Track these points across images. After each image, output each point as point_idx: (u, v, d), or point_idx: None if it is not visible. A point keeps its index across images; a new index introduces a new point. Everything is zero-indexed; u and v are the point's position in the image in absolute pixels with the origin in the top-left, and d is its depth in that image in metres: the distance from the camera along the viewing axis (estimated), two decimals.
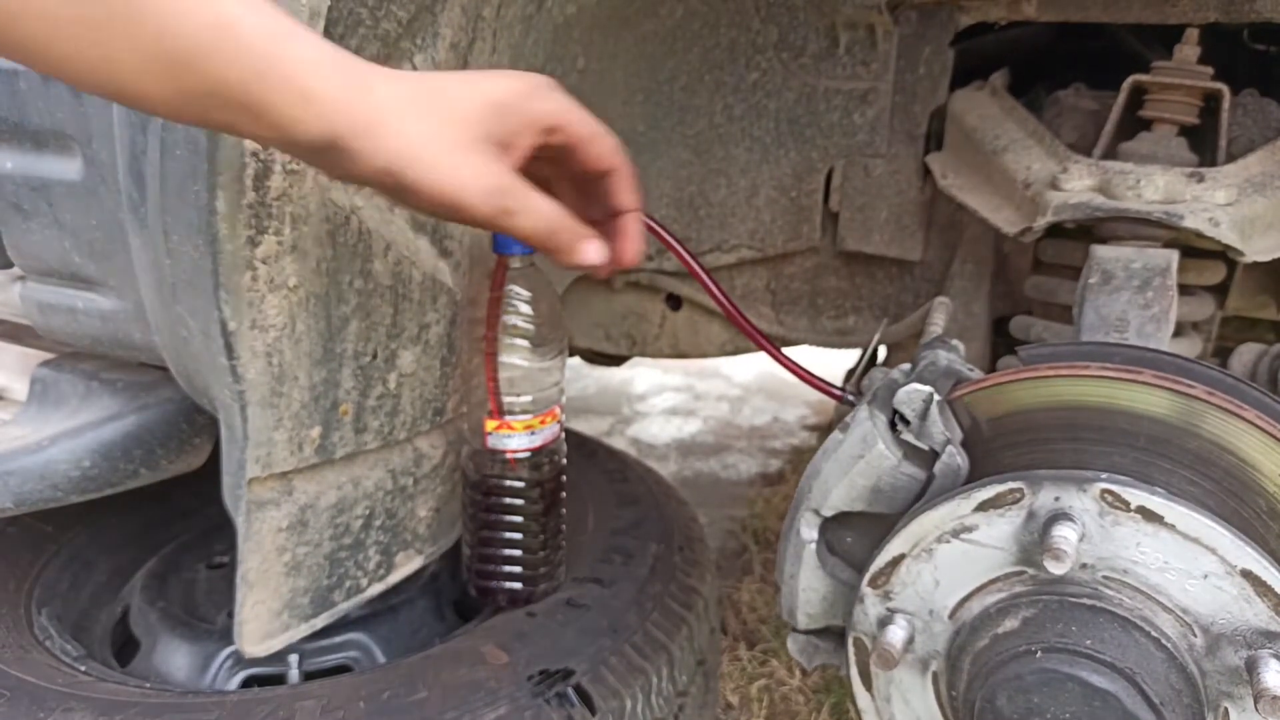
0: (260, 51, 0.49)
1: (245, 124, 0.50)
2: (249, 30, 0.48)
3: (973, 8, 1.00)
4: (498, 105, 0.57)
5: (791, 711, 1.41)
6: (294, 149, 0.53)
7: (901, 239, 1.13)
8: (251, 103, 0.49)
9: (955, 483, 0.67)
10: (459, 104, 0.55)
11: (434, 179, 0.54)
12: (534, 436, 0.92)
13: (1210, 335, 0.99)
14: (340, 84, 0.51)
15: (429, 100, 0.54)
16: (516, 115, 0.57)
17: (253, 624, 0.81)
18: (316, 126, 0.50)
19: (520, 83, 0.58)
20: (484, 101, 0.56)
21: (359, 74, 0.52)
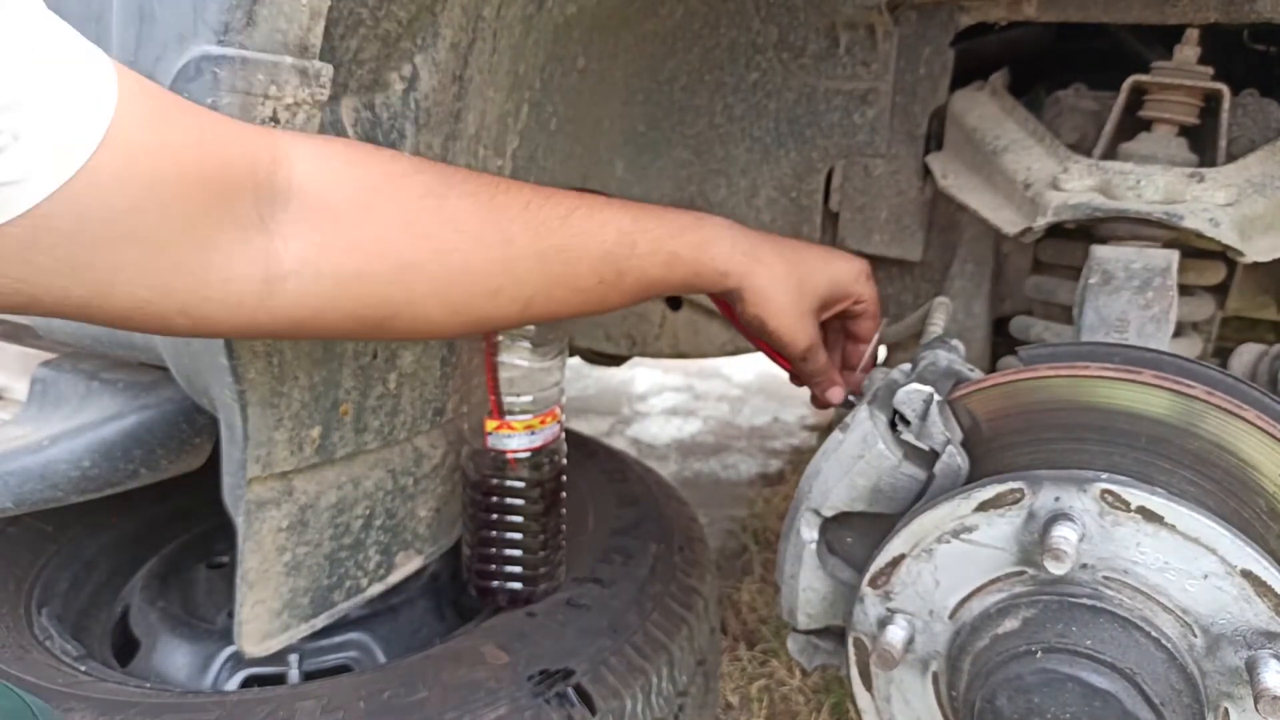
0: (695, 273, 0.77)
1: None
2: (688, 261, 0.75)
3: (973, 8, 1.00)
4: (834, 283, 0.83)
5: (791, 711, 1.41)
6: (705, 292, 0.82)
7: (901, 239, 1.13)
8: (687, 290, 0.80)
9: (955, 483, 0.67)
10: (810, 280, 0.82)
11: (781, 331, 0.81)
12: (534, 436, 0.92)
13: (1210, 335, 0.99)
14: (743, 266, 0.78)
15: (796, 276, 0.80)
16: (842, 291, 0.84)
17: (253, 624, 0.81)
18: (727, 288, 0.79)
19: (856, 268, 0.85)
20: (828, 281, 0.83)
21: (753, 253, 0.79)
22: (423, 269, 0.63)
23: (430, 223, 0.63)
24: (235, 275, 0.55)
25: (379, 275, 0.61)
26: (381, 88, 0.74)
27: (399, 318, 0.65)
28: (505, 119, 0.91)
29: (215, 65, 0.59)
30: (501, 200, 0.67)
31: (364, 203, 0.61)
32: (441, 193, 0.64)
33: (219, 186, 0.53)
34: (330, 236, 0.59)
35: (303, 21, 0.61)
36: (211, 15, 0.59)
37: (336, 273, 0.60)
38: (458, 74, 0.80)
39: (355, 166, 0.61)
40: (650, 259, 0.73)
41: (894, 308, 1.21)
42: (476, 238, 0.65)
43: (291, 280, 0.58)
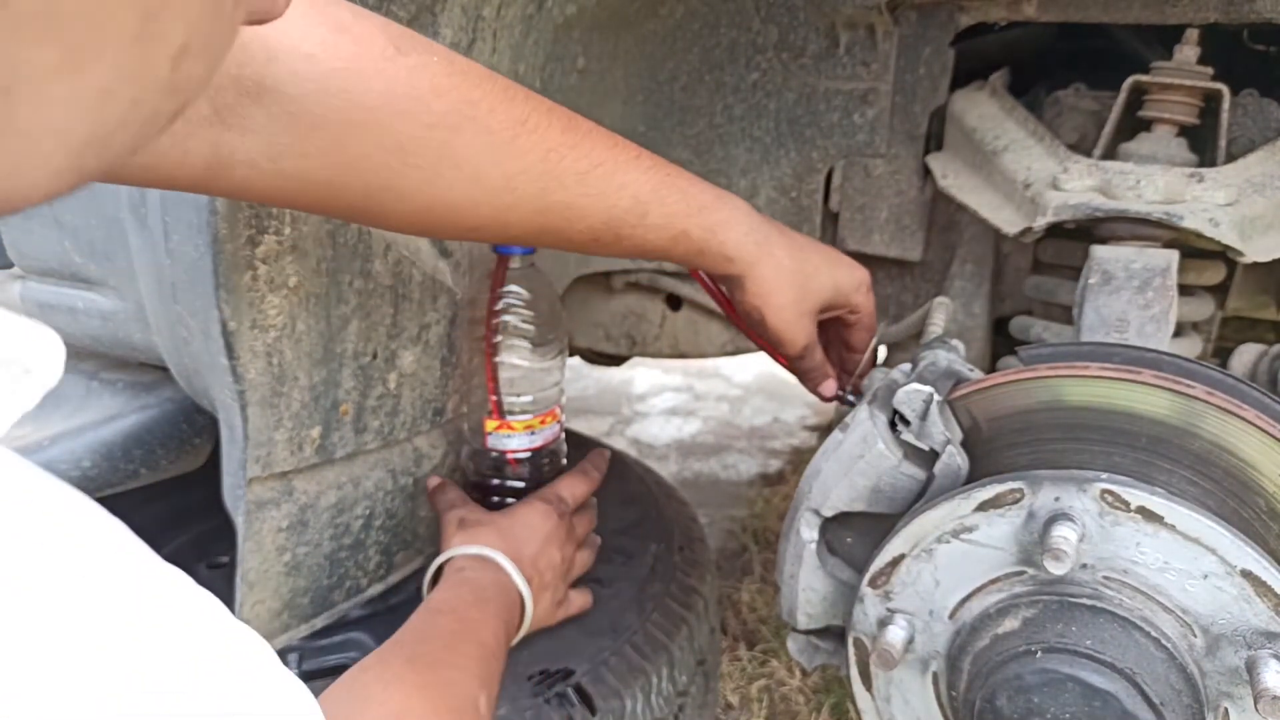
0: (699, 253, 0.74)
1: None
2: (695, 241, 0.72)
3: (973, 8, 1.00)
4: (836, 289, 0.82)
5: (791, 711, 1.41)
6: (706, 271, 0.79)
7: (901, 239, 1.13)
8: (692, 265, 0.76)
9: (955, 483, 0.67)
10: (814, 281, 0.80)
11: (779, 328, 0.79)
12: (534, 436, 0.92)
13: (1210, 335, 0.99)
14: (751, 255, 0.75)
15: (800, 274, 0.79)
16: (844, 298, 0.83)
17: (253, 624, 0.81)
18: (728, 273, 0.77)
19: (858, 277, 0.84)
20: (831, 285, 0.81)
21: (763, 243, 0.76)
22: (401, 194, 0.57)
23: (427, 154, 0.57)
24: (165, 162, 0.49)
25: (350, 189, 0.56)
26: None
27: (358, 220, 0.61)
28: None
29: None
30: (522, 144, 0.60)
31: (355, 120, 0.53)
32: (455, 124, 0.57)
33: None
34: (302, 142, 0.52)
35: None
36: None
37: (300, 175, 0.53)
38: None
39: (353, 78, 0.53)
40: (657, 231, 0.69)
41: (894, 308, 1.21)
42: (475, 180, 0.59)
43: (241, 170, 0.52)
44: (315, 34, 0.51)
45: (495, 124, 0.59)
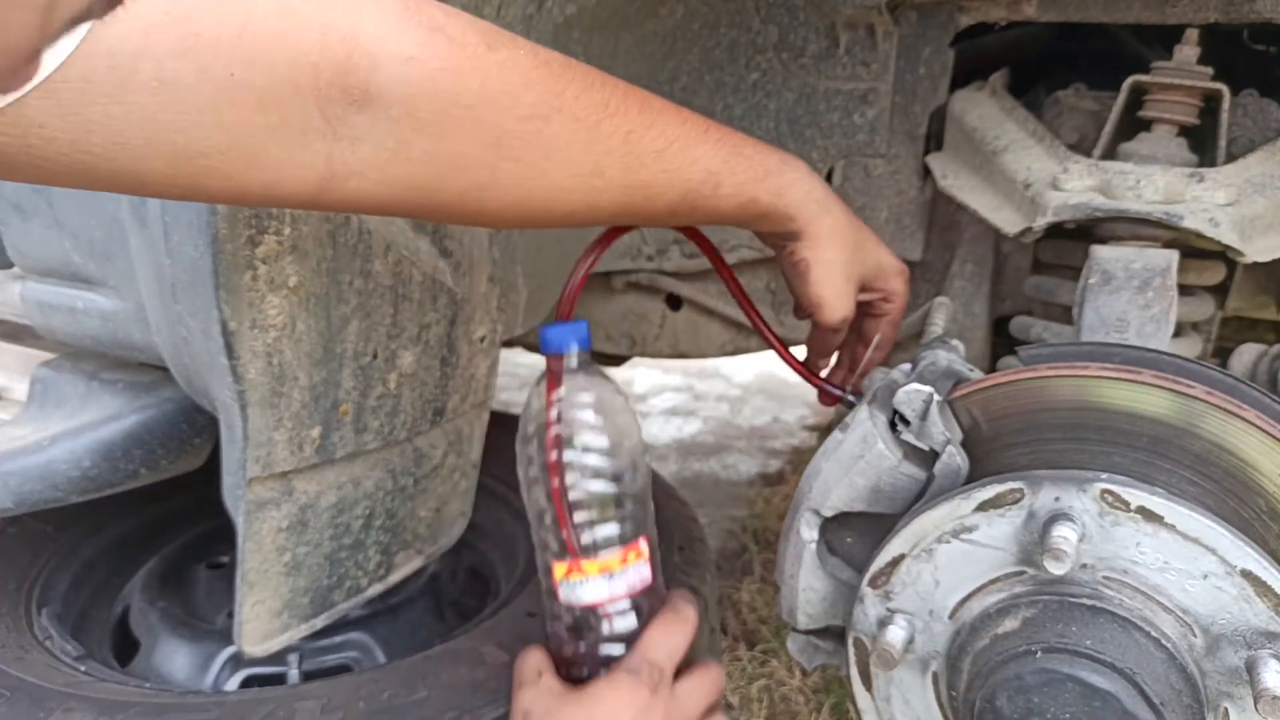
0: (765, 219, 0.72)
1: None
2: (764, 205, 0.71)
3: (973, 8, 1.00)
4: (880, 268, 0.80)
5: (791, 711, 1.41)
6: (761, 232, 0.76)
7: (901, 239, 1.13)
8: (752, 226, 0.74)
9: (955, 483, 0.67)
10: (864, 250, 0.78)
11: (825, 290, 0.76)
12: (616, 580, 0.70)
13: (1210, 335, 0.99)
14: (812, 213, 0.73)
15: (854, 239, 0.77)
16: (885, 279, 0.80)
17: (253, 624, 0.81)
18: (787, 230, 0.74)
19: (900, 264, 0.82)
20: (877, 262, 0.79)
21: (824, 204, 0.74)
22: (500, 190, 0.59)
23: (523, 147, 0.58)
24: (285, 178, 0.51)
25: (453, 188, 0.57)
26: None
27: (460, 219, 0.62)
28: None
29: None
30: (606, 127, 0.61)
31: (455, 117, 0.54)
32: (546, 115, 0.58)
33: (265, 93, 0.47)
34: (408, 146, 0.54)
35: None
36: None
37: (408, 180, 0.55)
38: None
39: (453, 76, 0.54)
40: (729, 200, 0.69)
41: None
42: (568, 168, 0.60)
43: (353, 181, 0.54)
44: (412, 35, 0.52)
45: (581, 111, 0.59)
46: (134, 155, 0.45)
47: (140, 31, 0.43)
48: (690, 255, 1.23)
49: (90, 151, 0.43)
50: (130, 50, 0.43)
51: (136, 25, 0.43)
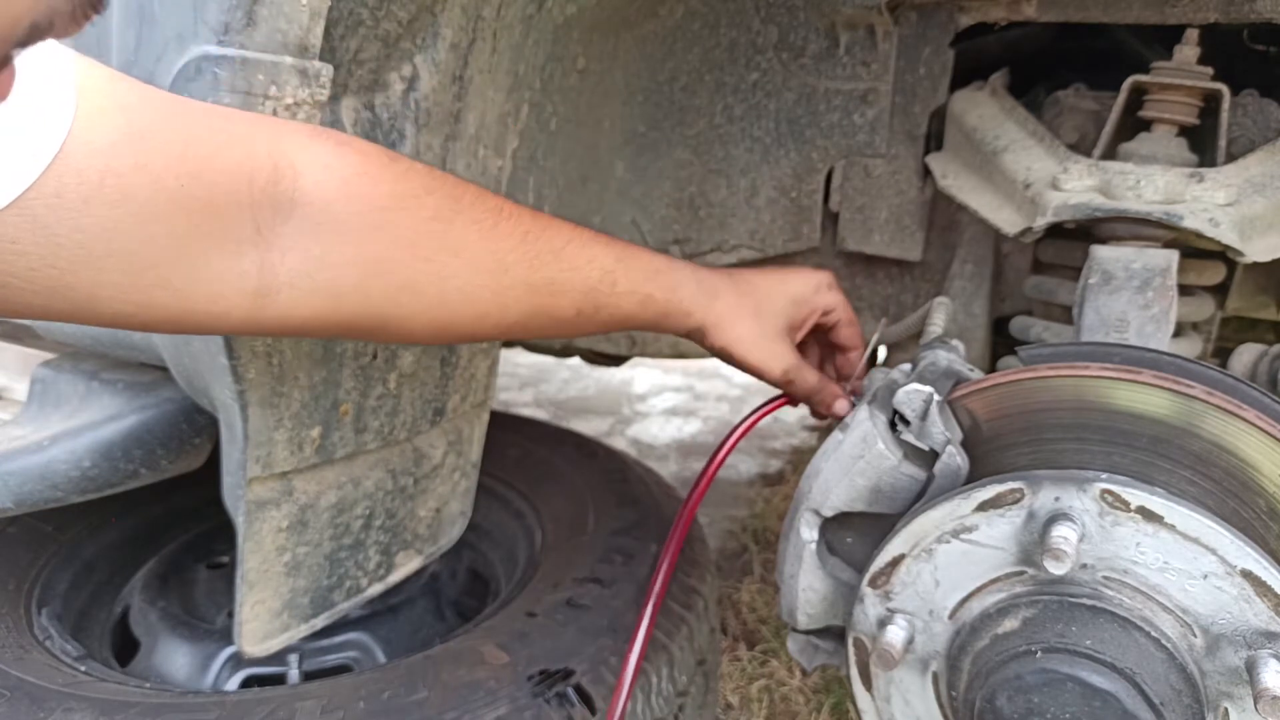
0: (664, 314, 0.79)
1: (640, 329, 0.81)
2: (660, 303, 0.78)
3: (973, 8, 1.00)
4: (795, 301, 0.85)
5: (791, 711, 1.41)
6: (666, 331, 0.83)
7: (901, 239, 1.13)
8: (653, 329, 0.81)
9: (955, 483, 0.67)
10: (768, 304, 0.83)
11: (752, 360, 0.83)
12: None
13: (1210, 335, 0.99)
14: (704, 304, 0.81)
15: (750, 304, 0.83)
16: (807, 306, 0.86)
17: (253, 624, 0.81)
18: (690, 326, 0.82)
19: (814, 281, 0.86)
20: (787, 300, 0.84)
21: (712, 290, 0.81)
22: (419, 291, 0.64)
23: (433, 246, 0.64)
24: (225, 290, 0.55)
25: (375, 292, 0.62)
26: (381, 88, 0.74)
27: (385, 330, 0.66)
28: (505, 119, 0.91)
29: (215, 65, 0.59)
30: (504, 228, 0.68)
31: (371, 221, 0.60)
32: (449, 217, 0.64)
33: (207, 203, 0.52)
34: (331, 251, 0.59)
35: (303, 22, 0.61)
36: (211, 15, 0.59)
37: (333, 287, 0.59)
38: (458, 74, 0.80)
39: (366, 181, 0.60)
40: (627, 297, 0.76)
41: (894, 308, 1.21)
42: (475, 265, 0.66)
43: (284, 293, 0.57)
44: (327, 148, 0.59)
45: (478, 214, 0.66)
46: (96, 268, 0.48)
47: (104, 149, 0.47)
48: (690, 255, 1.23)
49: (56, 266, 0.47)
50: (96, 166, 0.47)
51: (100, 143, 0.47)
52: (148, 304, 0.52)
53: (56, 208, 0.46)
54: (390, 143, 0.76)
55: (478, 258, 0.66)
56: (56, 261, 0.47)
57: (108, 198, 0.47)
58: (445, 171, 0.78)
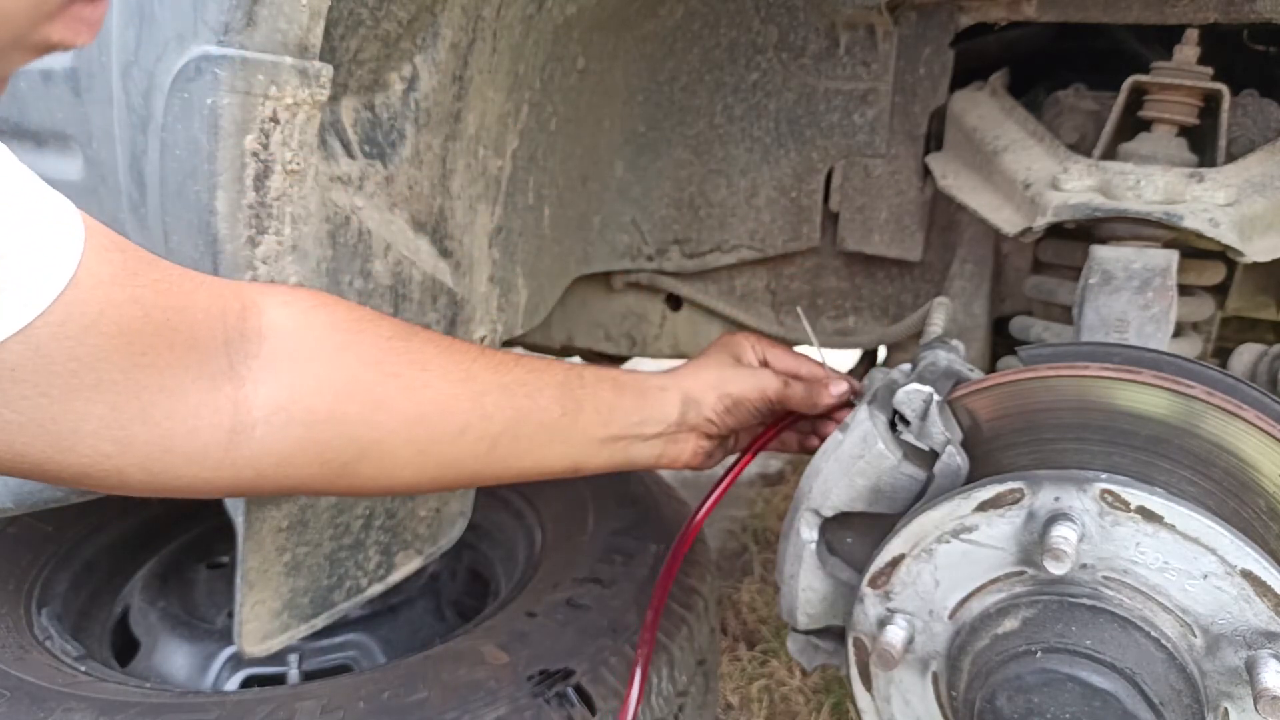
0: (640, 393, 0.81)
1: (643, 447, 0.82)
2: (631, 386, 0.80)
3: (973, 8, 1.00)
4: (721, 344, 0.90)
5: (791, 711, 1.41)
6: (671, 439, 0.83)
7: (901, 239, 1.13)
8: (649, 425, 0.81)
9: (955, 483, 0.67)
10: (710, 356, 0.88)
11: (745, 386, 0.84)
12: None
13: (1210, 335, 0.99)
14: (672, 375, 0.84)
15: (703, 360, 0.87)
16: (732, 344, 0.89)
17: (253, 624, 0.81)
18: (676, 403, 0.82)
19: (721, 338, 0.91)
20: (715, 348, 0.89)
21: (670, 374, 0.85)
22: (392, 407, 0.64)
23: (398, 362, 0.65)
24: (202, 425, 0.55)
25: (349, 416, 0.62)
26: (381, 88, 0.74)
27: (366, 459, 0.65)
28: (505, 119, 0.90)
29: (215, 66, 0.59)
30: (460, 344, 0.71)
31: (335, 343, 0.62)
32: (406, 335, 0.67)
33: (188, 336, 0.54)
34: (302, 377, 0.60)
35: (303, 21, 0.61)
36: (211, 15, 0.59)
37: (307, 416, 0.60)
38: (458, 74, 0.80)
39: (324, 310, 0.63)
40: (599, 385, 0.77)
41: (894, 308, 1.21)
42: (442, 374, 0.67)
43: (259, 429, 0.58)
44: (282, 289, 0.64)
45: (433, 335, 0.70)
46: (85, 399, 0.50)
47: (105, 281, 0.50)
48: (690, 255, 1.23)
49: (49, 394, 0.48)
50: (98, 298, 0.49)
51: (103, 276, 0.50)
52: (127, 440, 0.53)
53: (59, 336, 0.47)
54: (390, 143, 0.76)
55: (445, 367, 0.67)
56: (49, 390, 0.48)
57: (105, 329, 0.49)
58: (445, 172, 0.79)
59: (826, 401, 0.87)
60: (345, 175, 0.74)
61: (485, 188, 0.90)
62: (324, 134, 0.71)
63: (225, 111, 0.60)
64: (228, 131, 0.61)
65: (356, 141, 0.74)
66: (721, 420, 0.84)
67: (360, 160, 0.75)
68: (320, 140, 0.70)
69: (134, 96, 0.67)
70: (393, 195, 0.78)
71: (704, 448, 0.85)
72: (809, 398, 0.87)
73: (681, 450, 0.84)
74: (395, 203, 0.79)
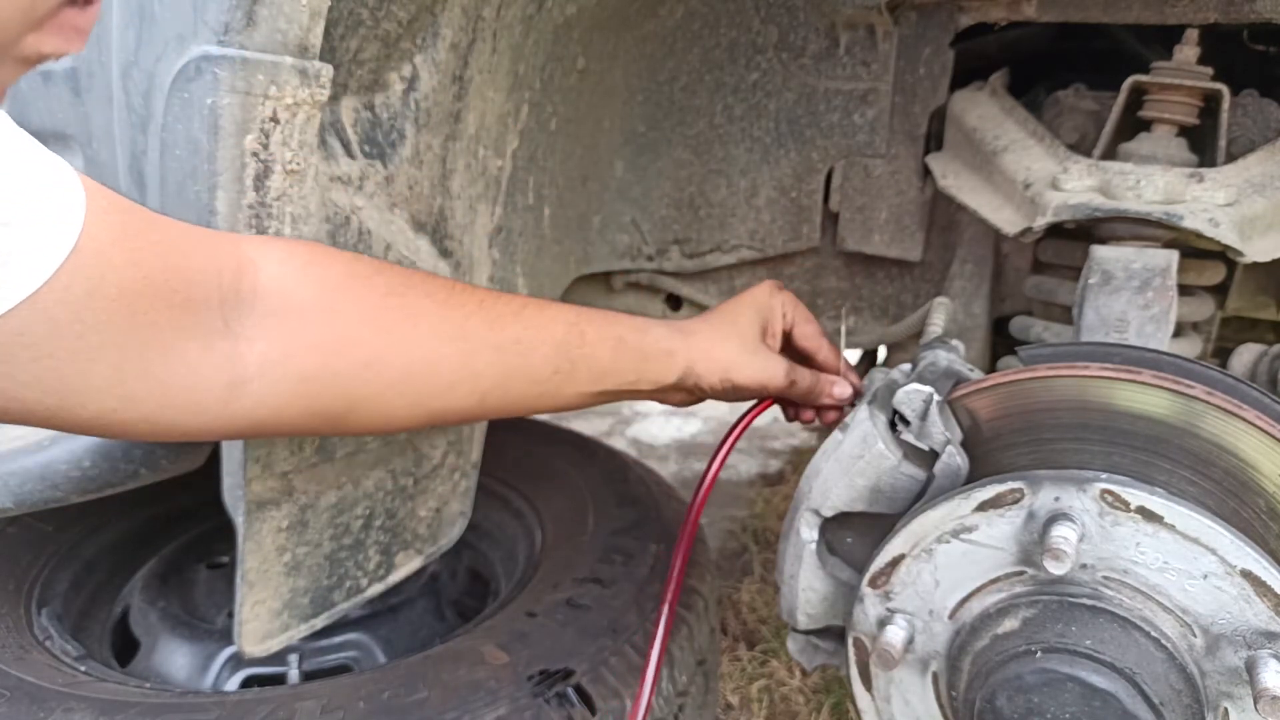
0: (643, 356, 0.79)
1: (634, 394, 0.81)
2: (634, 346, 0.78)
3: (973, 8, 1.00)
4: (757, 306, 0.86)
5: (791, 711, 1.41)
6: (663, 393, 0.82)
7: (901, 239, 1.13)
8: (643, 384, 0.80)
9: (955, 483, 0.67)
10: (739, 316, 0.85)
11: (753, 377, 0.83)
12: None
13: (1210, 335, 0.99)
14: (681, 340, 0.81)
15: (724, 325, 0.84)
16: (768, 308, 0.86)
17: (253, 624, 0.81)
18: (677, 371, 0.80)
19: (763, 286, 0.88)
20: (750, 308, 0.85)
21: (683, 328, 0.83)
22: (384, 363, 0.65)
23: (392, 318, 0.66)
24: (199, 382, 0.57)
25: (342, 371, 0.63)
26: (381, 88, 0.74)
27: (357, 412, 0.66)
28: (505, 119, 0.91)
29: (215, 66, 0.59)
30: (459, 297, 0.70)
31: (328, 300, 0.63)
32: (402, 291, 0.67)
33: (185, 297, 0.56)
34: (295, 335, 0.61)
35: (303, 21, 0.61)
36: (212, 15, 0.59)
37: (301, 371, 0.61)
38: (458, 74, 0.80)
39: (318, 266, 0.64)
40: (599, 345, 0.76)
41: (894, 308, 1.21)
42: (435, 332, 0.68)
43: (254, 383, 0.59)
44: (280, 246, 0.64)
45: (431, 287, 0.69)
46: (90, 358, 0.52)
47: (106, 246, 0.51)
48: (690, 255, 1.23)
49: (55, 356, 0.50)
50: (100, 262, 0.50)
51: (104, 240, 0.51)
52: (130, 397, 0.54)
53: (64, 301, 0.49)
54: (390, 143, 0.76)
55: (437, 325, 0.68)
56: (56, 352, 0.49)
57: (107, 292, 0.51)
58: (445, 172, 0.79)
59: (825, 403, 0.88)
60: (345, 175, 0.74)
61: (485, 188, 0.90)
62: (324, 134, 0.71)
63: (225, 111, 0.60)
64: (228, 131, 0.61)
65: (356, 141, 0.74)
66: (714, 393, 0.84)
67: (360, 160, 0.75)
68: (320, 140, 0.70)
69: (134, 96, 0.67)
70: (393, 195, 0.78)
71: (690, 401, 0.86)
72: (809, 395, 0.87)
73: (668, 400, 0.84)
74: (395, 203, 0.79)
